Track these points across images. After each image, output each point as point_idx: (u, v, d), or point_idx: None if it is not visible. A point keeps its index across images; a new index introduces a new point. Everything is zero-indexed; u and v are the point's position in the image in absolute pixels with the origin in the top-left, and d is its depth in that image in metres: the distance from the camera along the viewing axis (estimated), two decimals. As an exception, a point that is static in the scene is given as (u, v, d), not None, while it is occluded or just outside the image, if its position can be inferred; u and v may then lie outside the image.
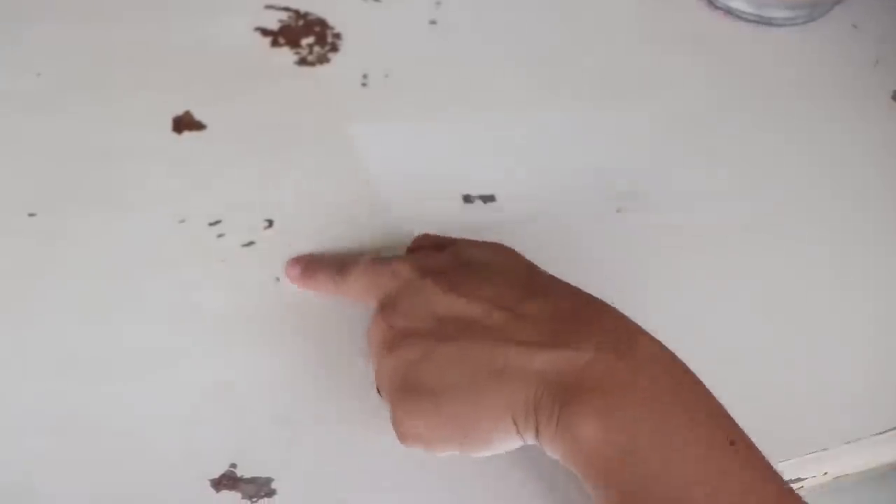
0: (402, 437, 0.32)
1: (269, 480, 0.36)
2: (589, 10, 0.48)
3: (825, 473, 0.38)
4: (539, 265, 0.35)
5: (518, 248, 0.41)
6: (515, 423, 0.30)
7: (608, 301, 0.32)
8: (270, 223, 0.41)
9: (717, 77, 0.47)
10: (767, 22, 0.48)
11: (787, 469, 0.37)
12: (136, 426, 0.37)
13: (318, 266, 0.39)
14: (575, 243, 0.42)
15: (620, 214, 0.43)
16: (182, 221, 0.41)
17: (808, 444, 0.37)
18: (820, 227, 0.44)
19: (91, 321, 0.38)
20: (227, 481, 0.36)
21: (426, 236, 0.39)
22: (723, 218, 0.43)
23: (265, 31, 0.46)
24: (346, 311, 0.39)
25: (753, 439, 0.28)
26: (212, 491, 0.36)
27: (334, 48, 0.46)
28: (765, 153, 0.45)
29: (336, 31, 0.46)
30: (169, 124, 0.43)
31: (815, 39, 0.48)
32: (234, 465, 0.36)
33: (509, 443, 0.31)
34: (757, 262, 0.42)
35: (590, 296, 0.32)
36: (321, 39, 0.46)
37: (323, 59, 0.46)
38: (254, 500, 0.35)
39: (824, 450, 0.37)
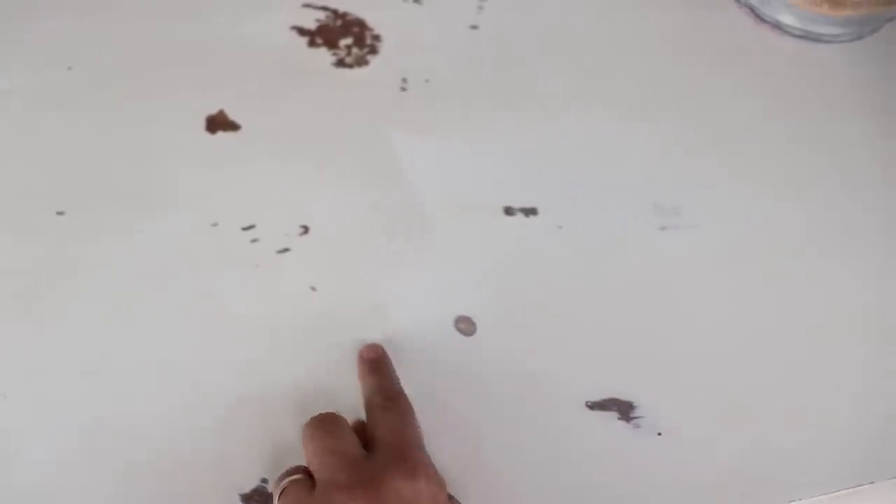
0: None
1: (301, 497, 0.35)
2: (634, 21, 0.47)
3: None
4: (578, 285, 0.34)
5: (557, 265, 0.40)
6: None
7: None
8: (306, 230, 0.40)
9: (763, 93, 0.46)
10: (815, 38, 0.47)
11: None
12: (164, 435, 0.35)
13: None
14: (618, 262, 0.41)
15: (664, 232, 0.42)
16: (214, 225, 0.40)
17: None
18: (866, 249, 0.42)
19: (119, 325, 0.37)
20: (258, 497, 0.35)
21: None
22: (768, 238, 0.42)
23: (302, 31, 0.45)
24: (387, 324, 0.38)
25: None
26: (242, 506, 0.34)
27: (373, 50, 0.45)
28: (810, 172, 0.44)
29: (375, 32, 0.45)
30: (202, 124, 0.42)
31: (863, 58, 0.47)
32: (265, 481, 0.35)
33: None
34: (806, 282, 0.41)
35: None
36: (360, 41, 0.45)
37: (362, 62, 0.44)
38: (285, 517, 0.34)
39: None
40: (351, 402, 0.36)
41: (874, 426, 0.39)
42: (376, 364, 0.36)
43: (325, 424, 0.33)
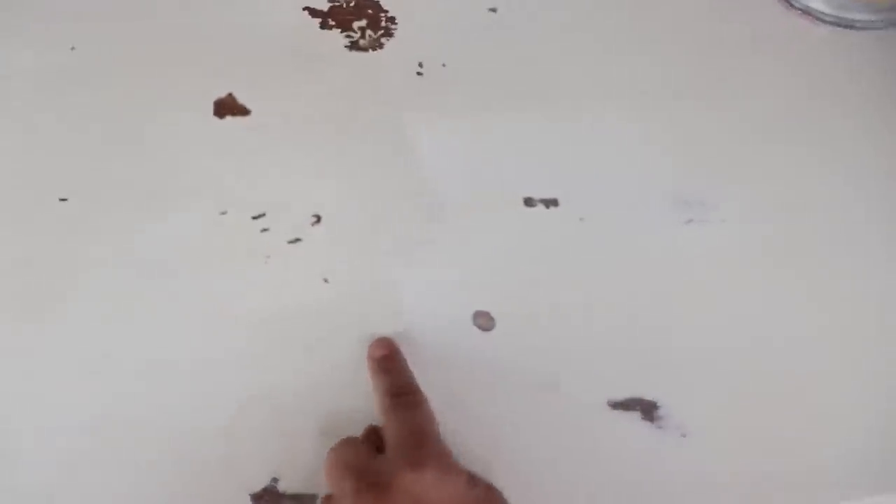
0: None
1: (313, 497, 0.34)
2: (659, 6, 0.45)
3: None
4: (600, 279, 0.32)
5: (579, 258, 0.38)
6: None
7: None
8: (318, 219, 0.38)
9: (793, 80, 0.44)
10: (847, 25, 0.45)
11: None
12: (173, 434, 0.34)
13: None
14: (642, 255, 0.39)
15: (689, 226, 0.40)
16: (223, 213, 0.38)
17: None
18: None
19: (124, 317, 0.36)
20: (268, 496, 0.34)
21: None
22: (799, 232, 0.40)
23: (314, 12, 0.43)
24: (401, 319, 0.37)
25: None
26: (252, 507, 0.33)
27: (388, 33, 0.43)
28: (841, 161, 0.42)
29: (390, 14, 0.44)
30: (210, 108, 0.41)
31: (896, 45, 0.46)
32: (275, 480, 0.34)
33: None
34: (839, 280, 0.39)
35: None
36: (374, 23, 0.43)
37: (376, 45, 0.43)
38: (297, 518, 0.33)
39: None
40: (364, 397, 0.35)
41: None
42: (385, 362, 0.35)
43: (335, 448, 0.32)
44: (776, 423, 0.37)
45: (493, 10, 0.44)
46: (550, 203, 0.40)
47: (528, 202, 0.40)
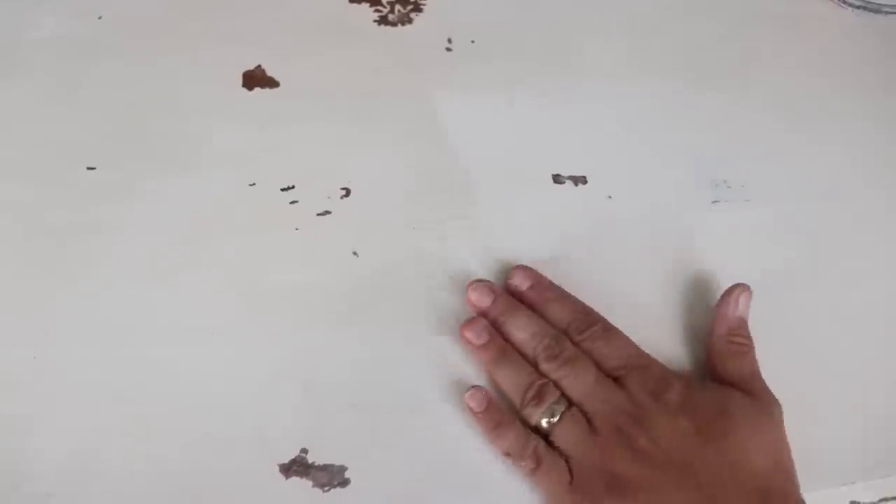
0: None
1: (342, 469, 0.34)
2: (688, -15, 0.45)
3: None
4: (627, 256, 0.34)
5: (606, 235, 0.38)
6: None
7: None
8: (347, 192, 0.38)
9: (819, 63, 0.44)
10: (875, 9, 0.45)
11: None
12: (200, 402, 0.34)
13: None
14: (668, 234, 0.39)
15: (716, 206, 0.40)
16: (252, 185, 0.38)
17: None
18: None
19: (154, 286, 0.36)
20: (297, 467, 0.34)
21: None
22: (826, 214, 0.40)
23: (343, -15, 0.43)
24: (432, 293, 0.36)
25: None
26: (281, 477, 0.33)
27: (417, 8, 0.43)
28: (867, 143, 0.42)
29: (419, -11, 0.43)
30: (239, 79, 0.40)
31: (924, 30, 0.46)
32: (305, 451, 0.34)
33: None
34: (864, 261, 0.39)
35: None
36: (403, -2, 0.43)
37: (405, 20, 0.42)
38: (326, 489, 0.33)
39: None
40: (391, 369, 0.35)
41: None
42: (541, 291, 0.36)
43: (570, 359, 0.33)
44: (801, 403, 0.37)
45: (522, -14, 0.44)
46: (579, 180, 0.40)
47: (557, 179, 0.40)
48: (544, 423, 0.33)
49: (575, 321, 0.35)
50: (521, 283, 0.36)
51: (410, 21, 0.43)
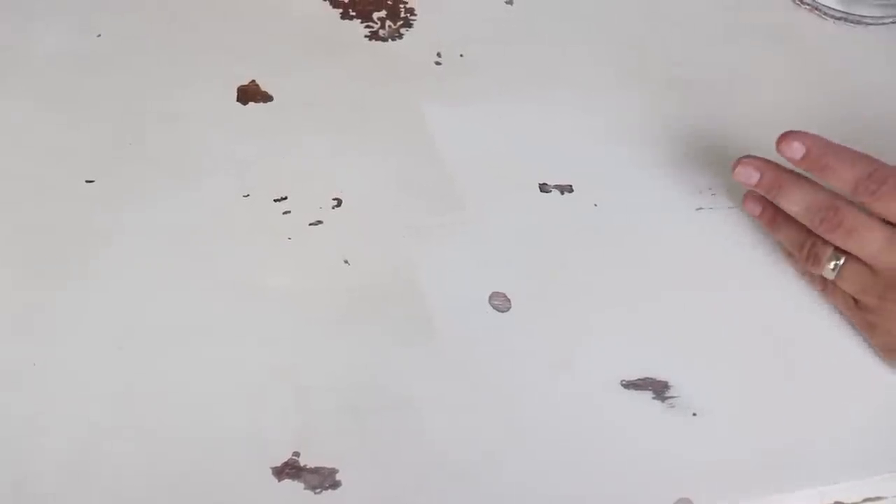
0: None
1: (333, 472, 0.34)
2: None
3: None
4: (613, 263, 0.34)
5: (593, 242, 0.39)
6: None
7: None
8: (339, 202, 0.39)
9: (801, 75, 0.45)
10: (856, 20, 0.46)
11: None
12: (194, 405, 0.35)
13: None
14: (654, 241, 0.40)
15: (699, 213, 0.41)
16: (246, 196, 0.39)
17: None
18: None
19: (150, 294, 0.37)
20: (289, 470, 0.35)
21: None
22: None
23: (335, 2, 0.45)
24: (421, 297, 0.37)
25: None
26: (273, 479, 0.34)
27: (407, 24, 0.44)
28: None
29: (409, 5, 0.45)
30: (234, 94, 0.42)
31: (905, 40, 0.47)
32: (297, 454, 0.35)
33: None
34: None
35: None
36: (394, 14, 0.44)
37: (395, 35, 0.44)
38: (317, 491, 0.34)
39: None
40: (382, 374, 0.36)
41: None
42: (816, 159, 0.34)
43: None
44: (786, 402, 0.38)
45: (510, 2, 0.45)
46: (565, 189, 0.41)
47: (543, 188, 0.41)
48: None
49: (861, 183, 0.33)
50: (793, 152, 0.34)
51: (400, 36, 0.44)
